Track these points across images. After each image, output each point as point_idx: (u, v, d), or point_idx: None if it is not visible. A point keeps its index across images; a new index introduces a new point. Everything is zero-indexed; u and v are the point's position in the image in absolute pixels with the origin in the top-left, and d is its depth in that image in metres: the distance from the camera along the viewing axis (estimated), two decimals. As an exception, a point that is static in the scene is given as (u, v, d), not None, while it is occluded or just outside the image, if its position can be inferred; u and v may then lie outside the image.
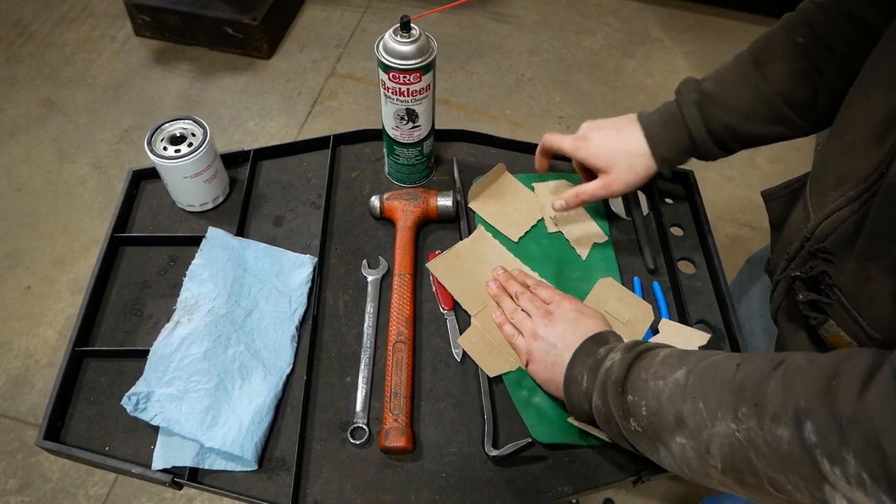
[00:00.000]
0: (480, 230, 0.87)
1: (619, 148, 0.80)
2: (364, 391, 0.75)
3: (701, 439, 0.52)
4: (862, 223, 0.58)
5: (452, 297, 0.82)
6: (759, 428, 0.47)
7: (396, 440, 0.69)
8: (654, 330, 0.80)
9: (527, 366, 0.73)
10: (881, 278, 0.56)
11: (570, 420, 0.70)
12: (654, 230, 0.91)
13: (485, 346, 0.78)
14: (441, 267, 0.84)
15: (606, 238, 0.89)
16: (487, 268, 0.84)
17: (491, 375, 0.75)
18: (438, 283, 0.83)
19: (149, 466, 0.69)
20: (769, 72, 0.74)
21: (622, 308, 0.81)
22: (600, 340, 0.67)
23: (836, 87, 0.72)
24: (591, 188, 0.82)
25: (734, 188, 2.09)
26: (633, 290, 0.85)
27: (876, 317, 0.58)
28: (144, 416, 0.70)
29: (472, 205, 0.91)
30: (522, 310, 0.76)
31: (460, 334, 0.79)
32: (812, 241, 0.64)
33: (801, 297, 0.65)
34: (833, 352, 0.49)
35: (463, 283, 0.83)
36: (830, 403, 0.43)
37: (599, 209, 0.93)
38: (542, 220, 0.91)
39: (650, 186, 0.94)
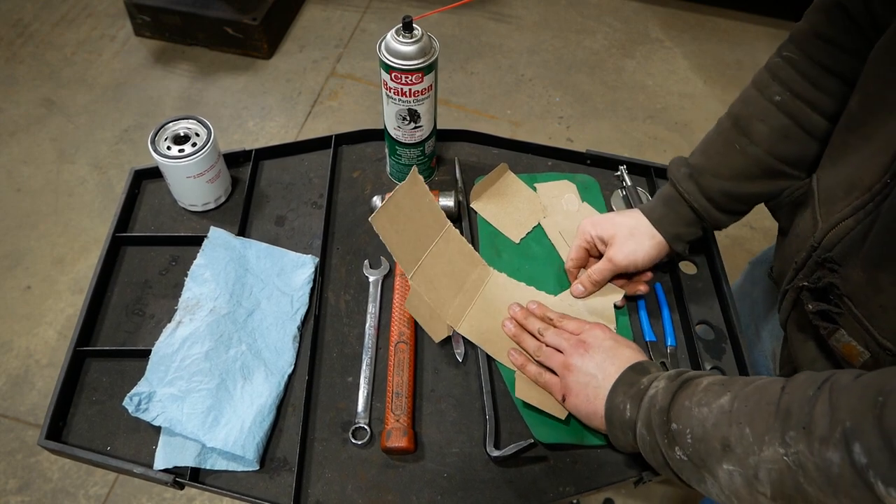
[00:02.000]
0: (414, 173, 0.78)
1: (620, 221, 0.81)
2: (366, 391, 0.75)
3: (748, 465, 0.51)
4: (868, 232, 0.58)
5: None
6: (808, 451, 0.46)
7: (398, 440, 0.69)
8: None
9: (564, 401, 0.70)
10: (892, 289, 0.56)
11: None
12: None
13: (426, 311, 0.76)
14: (384, 221, 0.73)
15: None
16: (424, 218, 0.79)
17: (436, 341, 0.75)
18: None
19: (150, 466, 0.69)
20: (752, 134, 0.74)
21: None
22: (641, 370, 0.66)
23: (821, 133, 0.72)
24: (598, 265, 0.80)
25: (734, 188, 2.09)
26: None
27: (888, 326, 0.57)
28: (146, 417, 0.70)
29: (474, 205, 0.91)
30: (548, 345, 0.74)
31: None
32: (819, 251, 0.63)
33: (810, 307, 0.65)
34: (879, 369, 0.47)
35: (401, 240, 0.76)
36: (878, 422, 0.42)
37: (601, 209, 0.93)
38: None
39: (651, 186, 0.95)
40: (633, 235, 0.79)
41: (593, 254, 0.84)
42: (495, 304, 0.81)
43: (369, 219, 0.71)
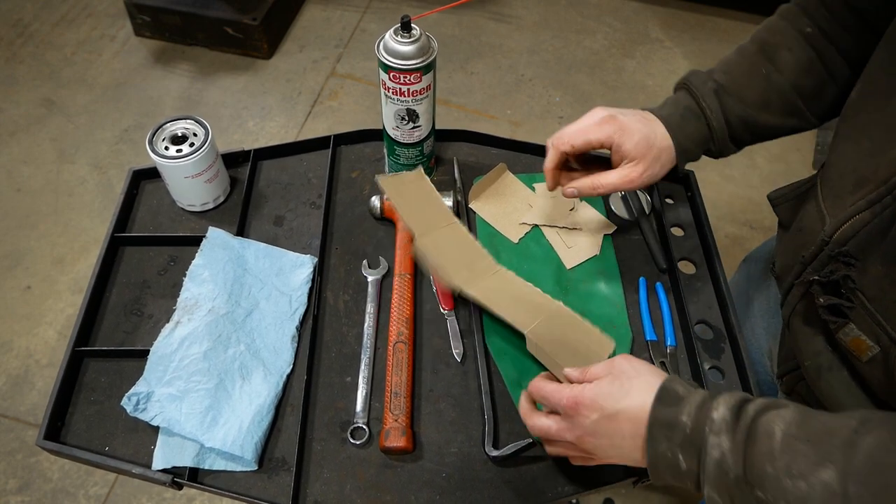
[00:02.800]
0: (420, 171, 0.85)
1: (651, 138, 0.73)
2: (364, 391, 0.75)
3: None
4: (887, 226, 0.57)
5: (453, 295, 0.82)
6: None
7: (397, 440, 0.69)
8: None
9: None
10: None
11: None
12: (656, 230, 0.91)
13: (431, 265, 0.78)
14: (392, 186, 0.80)
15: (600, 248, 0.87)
16: (431, 207, 0.82)
17: (446, 285, 0.75)
18: (439, 283, 0.83)
19: (149, 466, 0.69)
20: (778, 62, 0.72)
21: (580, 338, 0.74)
22: (670, 401, 0.55)
23: (840, 78, 0.71)
24: (611, 179, 0.73)
25: (734, 188, 2.09)
26: (639, 291, 0.85)
27: None
28: (144, 417, 0.70)
29: (472, 205, 0.91)
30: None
31: (460, 334, 0.79)
32: (832, 245, 0.62)
33: (821, 300, 0.63)
34: None
35: (410, 208, 0.79)
36: None
37: (600, 208, 0.93)
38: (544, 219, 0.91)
39: (651, 186, 0.95)
40: (659, 158, 0.73)
41: (571, 156, 0.77)
42: (500, 293, 0.80)
43: (376, 177, 0.72)
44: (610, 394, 0.58)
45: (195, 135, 0.86)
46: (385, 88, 0.81)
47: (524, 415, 0.66)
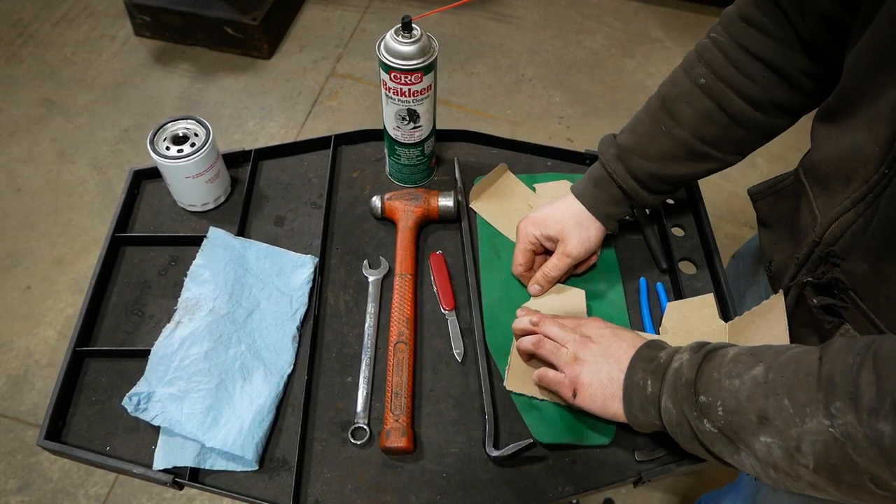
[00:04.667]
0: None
1: (561, 214, 0.81)
2: (365, 391, 0.75)
3: (790, 437, 0.50)
4: (869, 224, 0.57)
5: (454, 295, 0.82)
6: (857, 423, 0.46)
7: (397, 440, 0.69)
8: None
9: (574, 397, 0.68)
10: None
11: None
12: (656, 230, 0.91)
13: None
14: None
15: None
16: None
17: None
18: (439, 282, 0.83)
19: (150, 466, 0.69)
20: (678, 116, 0.74)
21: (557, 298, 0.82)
22: (656, 346, 0.66)
23: (743, 118, 0.72)
24: (553, 261, 0.81)
25: (734, 188, 2.09)
26: (639, 291, 0.85)
27: (894, 317, 0.57)
28: (145, 417, 0.70)
29: (473, 205, 0.91)
30: (548, 337, 0.73)
31: (461, 334, 0.79)
32: (822, 246, 0.63)
33: (814, 301, 0.64)
34: None
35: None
36: None
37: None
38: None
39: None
40: (580, 224, 0.80)
41: (538, 252, 0.84)
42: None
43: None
44: (611, 325, 0.71)
45: (196, 135, 0.86)
46: (386, 88, 0.81)
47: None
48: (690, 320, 0.79)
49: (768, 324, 0.72)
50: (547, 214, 0.82)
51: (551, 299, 0.83)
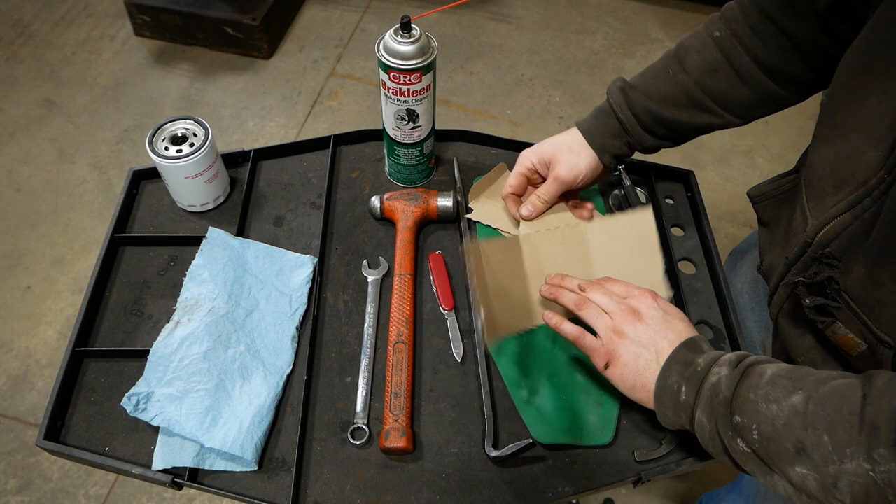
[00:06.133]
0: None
1: (557, 140, 0.84)
2: (364, 391, 0.75)
3: (827, 473, 0.50)
4: (868, 228, 0.57)
5: (453, 295, 0.82)
6: None
7: (397, 441, 0.69)
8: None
9: (605, 368, 0.67)
10: (892, 284, 0.56)
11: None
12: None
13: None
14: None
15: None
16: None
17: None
18: (438, 282, 0.83)
19: (149, 467, 0.69)
20: (686, 63, 0.77)
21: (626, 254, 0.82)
22: (694, 348, 0.64)
23: (751, 79, 0.75)
24: (545, 186, 0.84)
25: (734, 188, 2.09)
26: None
27: (886, 320, 0.57)
28: (144, 417, 0.70)
29: (472, 205, 0.91)
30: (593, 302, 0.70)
31: (460, 334, 0.79)
32: (815, 247, 0.63)
33: (807, 301, 0.64)
34: None
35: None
36: None
37: (600, 208, 0.93)
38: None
39: (650, 184, 0.94)
40: (572, 150, 0.82)
41: (534, 181, 0.86)
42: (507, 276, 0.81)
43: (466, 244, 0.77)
44: (665, 308, 0.69)
45: (195, 135, 0.86)
46: (385, 88, 0.81)
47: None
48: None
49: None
50: (545, 142, 0.84)
51: (624, 262, 0.81)
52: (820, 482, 0.50)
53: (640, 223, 0.82)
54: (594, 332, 0.69)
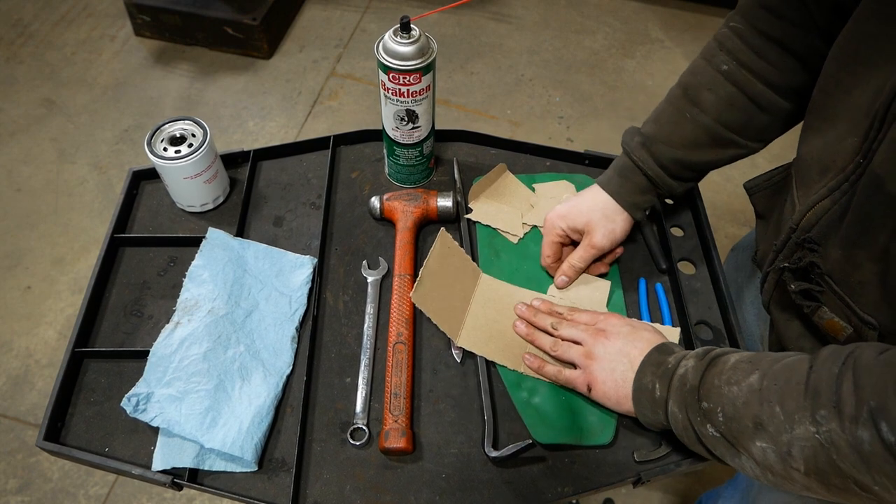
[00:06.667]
0: (442, 235, 0.81)
1: (587, 206, 0.82)
2: (364, 392, 0.75)
3: (781, 443, 0.52)
4: (844, 211, 0.59)
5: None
6: (839, 430, 0.48)
7: (396, 441, 0.69)
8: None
9: (590, 391, 0.71)
10: (869, 265, 0.58)
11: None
12: (656, 231, 0.91)
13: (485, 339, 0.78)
14: (423, 297, 0.75)
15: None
16: (462, 285, 0.80)
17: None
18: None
19: (149, 467, 0.69)
20: (701, 103, 0.76)
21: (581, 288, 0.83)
22: (666, 350, 0.68)
23: (767, 103, 0.74)
24: (578, 253, 0.82)
25: (734, 188, 2.09)
26: (639, 292, 0.85)
27: (868, 301, 0.59)
28: (144, 417, 0.70)
29: (472, 205, 0.91)
30: (564, 339, 0.75)
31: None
32: (798, 232, 0.65)
33: (792, 286, 0.66)
34: None
35: (440, 308, 0.76)
36: None
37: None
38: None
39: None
40: (606, 216, 0.81)
41: (566, 244, 0.85)
42: (491, 309, 0.81)
43: (411, 295, 0.74)
44: (630, 322, 0.73)
45: (193, 135, 0.86)
46: (385, 89, 0.81)
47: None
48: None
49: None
50: (573, 206, 0.83)
51: (576, 289, 0.83)
52: (777, 452, 0.53)
53: (597, 292, 0.84)
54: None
